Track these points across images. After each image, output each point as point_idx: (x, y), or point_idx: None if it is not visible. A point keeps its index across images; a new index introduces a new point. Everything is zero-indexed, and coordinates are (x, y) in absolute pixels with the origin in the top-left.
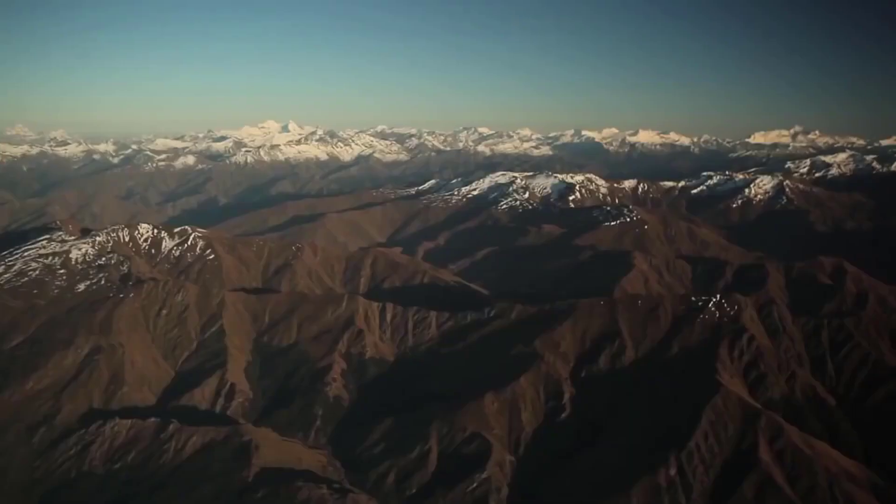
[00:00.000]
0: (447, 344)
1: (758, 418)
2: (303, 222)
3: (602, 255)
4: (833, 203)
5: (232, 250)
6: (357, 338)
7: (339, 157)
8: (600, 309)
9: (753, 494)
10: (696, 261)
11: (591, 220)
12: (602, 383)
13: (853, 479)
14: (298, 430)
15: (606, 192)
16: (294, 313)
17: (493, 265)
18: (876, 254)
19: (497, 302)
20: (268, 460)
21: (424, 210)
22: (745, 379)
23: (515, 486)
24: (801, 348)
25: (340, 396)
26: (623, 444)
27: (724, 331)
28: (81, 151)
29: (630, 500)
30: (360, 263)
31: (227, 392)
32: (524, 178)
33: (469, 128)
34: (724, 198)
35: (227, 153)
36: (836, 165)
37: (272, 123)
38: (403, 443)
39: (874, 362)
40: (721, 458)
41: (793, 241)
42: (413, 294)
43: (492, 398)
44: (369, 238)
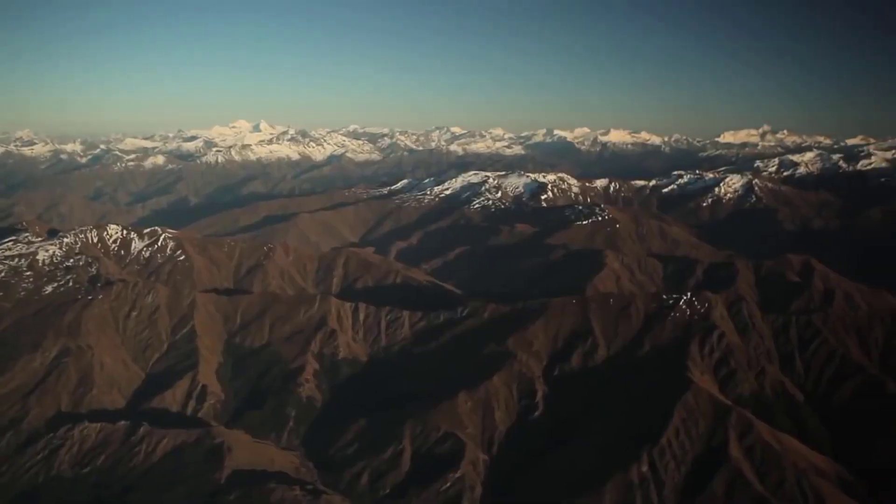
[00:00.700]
0: (420, 343)
1: (728, 415)
2: (275, 222)
3: (574, 253)
4: (801, 201)
5: (203, 251)
6: (330, 338)
7: (311, 157)
8: (572, 308)
9: (724, 490)
10: (667, 259)
11: (564, 220)
12: (575, 382)
13: (821, 474)
14: (271, 431)
15: (578, 191)
16: (266, 314)
17: (466, 265)
18: (842, 251)
19: (470, 301)
20: (240, 462)
21: (397, 210)
22: (716, 376)
23: (489, 484)
24: (770, 345)
25: (313, 397)
26: (596, 442)
27: (694, 328)
28: (48, 151)
29: (603, 498)
30: (333, 263)
31: (199, 394)
32: (497, 177)
33: (441, 127)
34: (695, 196)
35: (198, 153)
36: (804, 164)
37: (243, 123)
38: (377, 443)
39: (841, 358)
40: (692, 454)
41: (762, 239)
42: (386, 294)
43: (465, 397)
44: (342, 238)
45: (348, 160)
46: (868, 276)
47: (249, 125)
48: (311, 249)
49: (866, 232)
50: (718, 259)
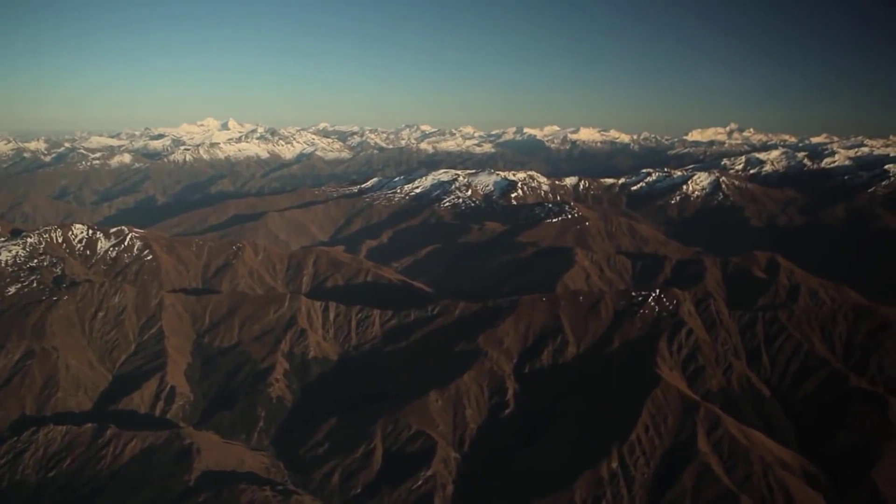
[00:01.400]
0: (391, 342)
1: (696, 410)
2: (244, 221)
3: (544, 251)
4: (767, 199)
5: (171, 250)
6: (300, 337)
7: (280, 156)
8: (542, 305)
9: (692, 484)
10: (636, 256)
11: (534, 217)
12: (545, 378)
13: (787, 467)
14: (241, 431)
15: (548, 189)
16: (235, 314)
17: (437, 263)
18: (807, 247)
19: (440, 299)
20: (209, 463)
21: (367, 208)
22: (684, 372)
23: (461, 482)
24: (737, 341)
25: (283, 397)
26: (566, 439)
27: (663, 325)
28: (11, 149)
29: (573, 494)
30: (303, 262)
31: (167, 395)
32: (467, 175)
33: (411, 125)
34: (663, 194)
35: (166, 151)
36: (770, 162)
37: (211, 121)
38: (348, 442)
39: (806, 353)
40: (661, 449)
41: (729, 236)
42: (356, 293)
43: (436, 396)
44: (311, 237)
45: (318, 158)
46: (831, 272)
47: (218, 123)
48: (280, 248)
49: (830, 228)
50: (686, 256)
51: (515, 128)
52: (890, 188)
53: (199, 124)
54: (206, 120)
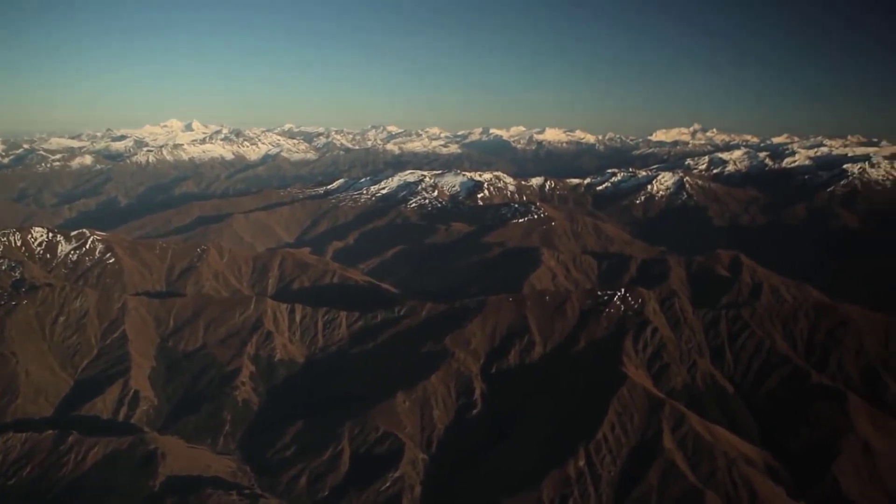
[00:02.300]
0: (358, 344)
1: (661, 407)
2: (208, 223)
3: (510, 251)
4: (729, 198)
5: (134, 253)
6: (266, 340)
7: (245, 157)
8: (509, 305)
9: (658, 481)
10: (602, 256)
11: (500, 218)
12: (512, 379)
13: (750, 462)
14: (206, 436)
15: (514, 189)
16: (200, 316)
17: (403, 264)
18: (769, 246)
19: (407, 300)
20: (175, 468)
21: (333, 209)
22: (650, 370)
23: (429, 483)
24: (701, 338)
25: (249, 400)
26: (534, 438)
27: (628, 324)
28: None
29: (541, 494)
30: (268, 264)
31: (131, 400)
32: (433, 176)
33: (378, 126)
34: (628, 194)
35: (128, 153)
36: (732, 162)
37: (175, 122)
38: (315, 445)
39: (768, 350)
40: (628, 447)
41: (693, 235)
42: (323, 294)
43: (403, 397)
44: (277, 238)
45: (283, 160)
46: (793, 270)
47: (181, 124)
48: (245, 250)
49: (791, 227)
50: (651, 255)
51: (481, 128)
52: (848, 188)
53: (162, 125)
54: (170, 121)
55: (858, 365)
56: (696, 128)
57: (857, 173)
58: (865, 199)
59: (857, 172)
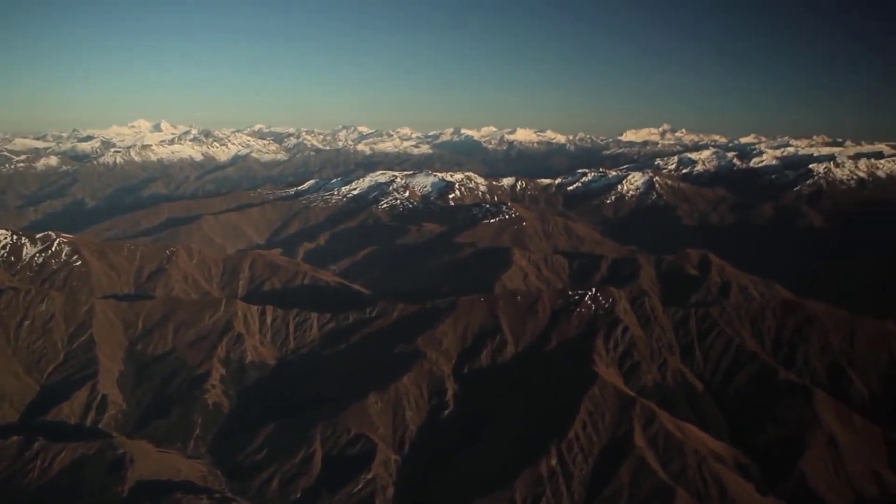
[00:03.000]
0: (329, 345)
1: (632, 406)
2: (178, 225)
3: (482, 252)
4: (698, 198)
5: (101, 256)
6: (236, 342)
7: (214, 158)
8: (481, 305)
9: (629, 479)
10: (573, 256)
11: (471, 218)
12: (484, 379)
13: (720, 459)
14: (176, 440)
15: (486, 189)
16: (169, 319)
17: (375, 265)
18: (737, 245)
19: (379, 301)
20: (144, 473)
21: (304, 210)
22: (620, 368)
23: (401, 484)
24: (671, 337)
25: (220, 403)
26: (506, 438)
27: (599, 323)
28: None
29: (514, 493)
30: (239, 266)
31: (99, 404)
32: (404, 176)
33: (349, 127)
34: (599, 194)
35: (95, 153)
36: (701, 162)
37: (143, 122)
38: (287, 447)
39: (737, 348)
40: (599, 445)
41: (662, 234)
42: (294, 296)
43: (375, 398)
44: (248, 240)
45: (254, 160)
46: (760, 269)
47: (149, 125)
48: (215, 252)
49: (759, 226)
50: (622, 255)
51: (453, 129)
52: (814, 187)
53: (129, 126)
54: (138, 121)
55: (824, 361)
56: (665, 128)
57: (822, 173)
58: (831, 199)
59: (823, 172)
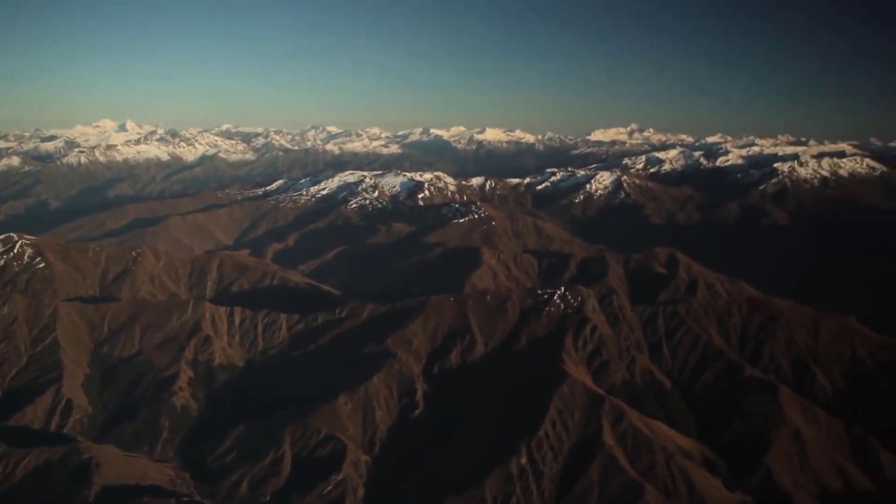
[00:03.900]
0: (299, 346)
1: (601, 404)
2: (144, 226)
3: (451, 251)
4: (666, 197)
5: (65, 258)
6: (204, 344)
7: (181, 158)
8: (450, 305)
9: (599, 476)
10: (542, 255)
11: (441, 218)
12: (454, 378)
13: (688, 455)
14: (144, 443)
15: (455, 189)
16: (136, 321)
17: (344, 265)
18: (704, 243)
19: (348, 302)
20: (110, 478)
21: (273, 211)
22: (589, 367)
23: (372, 485)
24: (639, 335)
25: (188, 406)
26: (476, 437)
27: (568, 321)
28: None
29: (484, 492)
30: (207, 267)
31: (63, 408)
32: (373, 176)
33: (317, 126)
34: (568, 193)
35: (58, 153)
36: (669, 161)
37: (108, 122)
38: (256, 449)
39: (704, 345)
40: (569, 443)
41: (631, 233)
42: (262, 297)
43: (345, 399)
44: (215, 241)
45: (221, 160)
46: (727, 266)
47: (114, 124)
48: (183, 253)
49: (725, 224)
50: (590, 254)
51: (422, 129)
52: (779, 185)
53: (94, 125)
54: (102, 121)
55: (789, 357)
56: (633, 128)
57: (786, 172)
58: (795, 197)
59: (787, 171)
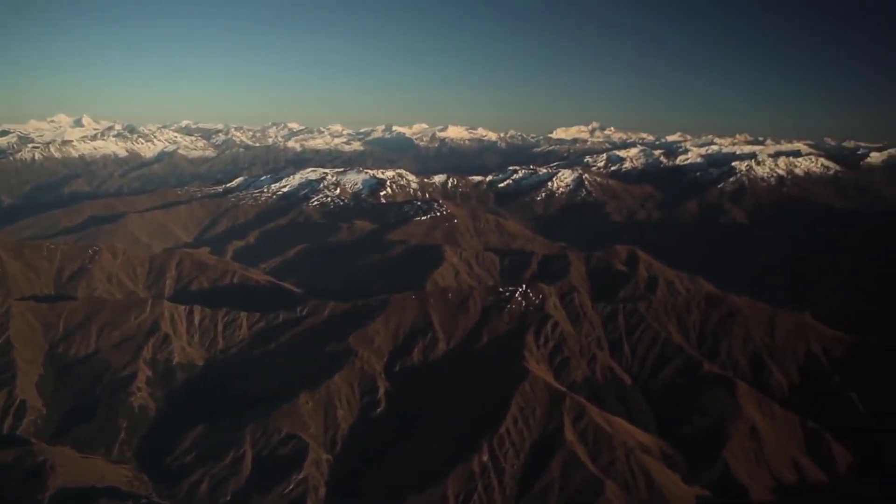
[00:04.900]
0: (259, 345)
1: (562, 401)
2: (101, 223)
3: (413, 249)
4: (626, 195)
5: (18, 256)
6: (163, 343)
7: (140, 154)
8: (412, 303)
9: (560, 472)
10: (504, 252)
11: (403, 216)
12: (416, 376)
13: (647, 451)
14: (100, 445)
15: (417, 187)
16: (92, 321)
17: (306, 263)
18: (664, 241)
19: (310, 300)
20: (66, 480)
21: (233, 208)
22: (551, 364)
23: (333, 484)
24: (600, 332)
25: (146, 406)
26: (438, 435)
27: (530, 319)
28: None
29: (446, 489)
30: (165, 265)
31: (17, 410)
32: (335, 174)
33: (279, 123)
34: (529, 191)
35: (11, 149)
36: (629, 159)
37: (63, 117)
38: (216, 449)
39: (663, 341)
40: (530, 440)
41: (592, 231)
42: (223, 295)
43: (306, 398)
44: (175, 238)
45: (181, 157)
46: (686, 264)
47: (70, 120)
48: (141, 251)
49: (684, 222)
50: (552, 251)
51: (384, 126)
52: (737, 184)
53: (49, 120)
54: (57, 116)
55: (746, 353)
56: (594, 126)
57: (744, 170)
58: (752, 196)
59: (745, 170)
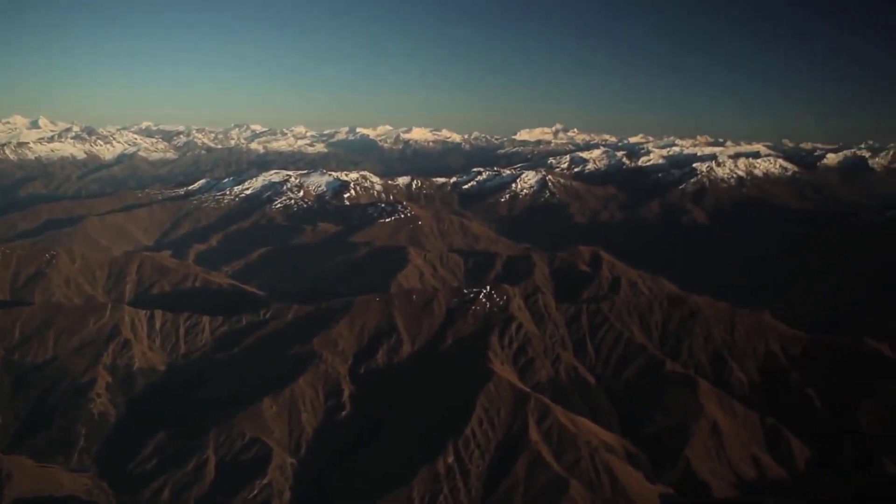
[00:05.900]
0: (222, 349)
1: (527, 401)
2: (59, 226)
3: (378, 251)
4: (590, 196)
5: None
6: (123, 348)
7: (98, 156)
8: (377, 305)
9: (525, 473)
10: (468, 254)
11: (367, 217)
12: (381, 379)
13: (611, 450)
14: (59, 453)
15: (381, 189)
16: (50, 326)
17: (269, 266)
18: (627, 241)
19: (273, 303)
20: (23, 490)
21: (195, 211)
22: (515, 364)
23: (298, 488)
24: (564, 333)
25: (106, 412)
26: (404, 437)
27: (494, 320)
28: None
29: (412, 491)
30: (125, 269)
31: None
32: (299, 176)
33: (241, 125)
34: (494, 192)
35: None
36: (592, 161)
37: (19, 118)
38: (178, 455)
39: (626, 341)
40: (495, 441)
41: (556, 232)
42: (184, 299)
43: (270, 402)
44: (135, 242)
45: (141, 159)
46: (648, 264)
47: (26, 121)
48: (100, 255)
49: (646, 223)
50: (516, 252)
51: (348, 128)
52: (698, 185)
53: (3, 122)
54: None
55: (707, 352)
56: (558, 128)
57: (705, 172)
58: (713, 196)
59: (706, 171)
